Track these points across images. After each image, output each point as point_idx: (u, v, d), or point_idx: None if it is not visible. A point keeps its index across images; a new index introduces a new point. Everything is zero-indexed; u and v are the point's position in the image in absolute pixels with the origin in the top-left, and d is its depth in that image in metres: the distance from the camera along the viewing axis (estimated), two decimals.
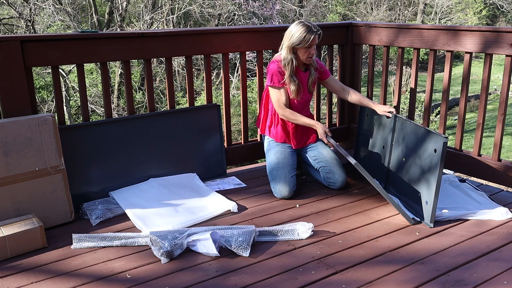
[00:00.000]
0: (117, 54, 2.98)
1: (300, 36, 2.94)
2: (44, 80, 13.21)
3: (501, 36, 2.90)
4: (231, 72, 13.29)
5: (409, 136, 2.87)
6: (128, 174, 3.07)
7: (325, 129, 3.06)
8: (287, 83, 3.07)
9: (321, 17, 18.69)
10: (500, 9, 24.51)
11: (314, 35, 2.94)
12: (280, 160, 3.10)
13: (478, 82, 16.63)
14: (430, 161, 2.63)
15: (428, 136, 2.68)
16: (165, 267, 2.23)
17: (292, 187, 3.03)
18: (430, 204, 2.60)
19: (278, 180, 3.03)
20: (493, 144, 3.11)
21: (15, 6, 12.65)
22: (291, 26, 3.01)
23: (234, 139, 3.68)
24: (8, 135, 2.48)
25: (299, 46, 2.97)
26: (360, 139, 3.48)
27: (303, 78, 3.14)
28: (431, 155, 2.63)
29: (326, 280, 2.12)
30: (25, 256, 2.35)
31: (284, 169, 3.05)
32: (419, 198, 2.71)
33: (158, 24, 14.36)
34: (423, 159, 2.70)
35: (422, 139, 2.74)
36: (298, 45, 2.96)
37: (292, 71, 3.04)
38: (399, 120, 3.00)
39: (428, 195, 2.63)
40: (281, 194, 3.02)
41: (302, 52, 3.00)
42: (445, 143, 2.52)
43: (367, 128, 3.37)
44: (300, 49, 2.99)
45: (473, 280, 2.11)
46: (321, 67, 3.23)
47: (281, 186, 3.01)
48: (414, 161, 2.79)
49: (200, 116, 3.33)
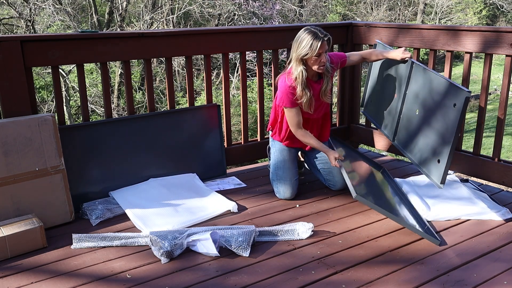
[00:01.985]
0: (117, 54, 2.98)
1: (306, 44, 2.71)
2: (44, 80, 13.21)
3: (501, 36, 2.90)
4: (231, 72, 13.28)
5: (426, 86, 2.62)
6: (128, 174, 3.07)
7: (335, 155, 2.85)
8: (299, 98, 2.85)
9: (321, 17, 18.69)
10: (500, 9, 24.50)
11: (322, 41, 2.70)
12: (287, 161, 3.07)
13: (478, 82, 16.61)
14: (448, 117, 2.39)
15: (449, 89, 2.44)
16: (165, 267, 2.23)
17: (295, 189, 3.03)
18: (443, 163, 2.38)
19: (284, 181, 3.01)
20: (493, 144, 3.11)
21: (15, 6, 12.65)
22: (298, 33, 2.79)
23: (234, 139, 3.68)
24: (8, 135, 2.48)
25: (308, 57, 2.74)
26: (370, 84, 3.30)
27: (316, 89, 2.92)
28: (449, 110, 2.39)
29: (326, 280, 2.12)
30: (25, 256, 2.35)
31: (290, 171, 3.03)
32: (431, 155, 2.50)
33: (158, 24, 14.36)
34: (440, 113, 2.46)
35: (441, 91, 2.49)
36: (306, 55, 2.73)
37: (303, 84, 2.81)
38: (416, 68, 2.75)
39: (441, 153, 2.41)
40: (284, 196, 3.01)
41: (312, 61, 2.77)
42: (468, 98, 2.29)
43: (378, 72, 3.20)
44: (310, 59, 2.76)
45: (473, 280, 2.11)
46: (335, 62, 3.01)
47: (285, 188, 3.00)
48: (430, 114, 2.54)
49: (200, 116, 3.33)
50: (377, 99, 3.24)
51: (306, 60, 2.78)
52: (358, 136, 4.01)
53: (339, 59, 3.05)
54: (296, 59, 2.79)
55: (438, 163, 2.44)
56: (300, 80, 2.81)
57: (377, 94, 3.27)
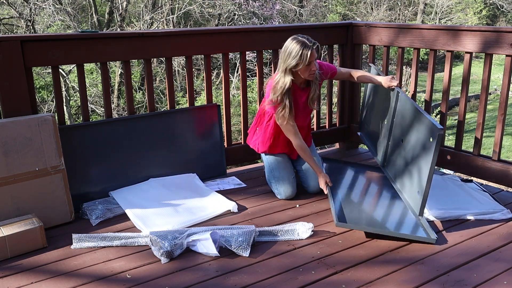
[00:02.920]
0: (117, 54, 2.98)
1: (296, 55, 2.66)
2: (44, 80, 13.20)
3: (501, 36, 2.90)
4: (231, 72, 13.28)
5: (408, 118, 2.71)
6: (128, 174, 3.07)
7: (326, 179, 2.89)
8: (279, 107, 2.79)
9: (321, 17, 18.68)
10: (500, 9, 24.50)
11: (311, 50, 2.66)
12: (280, 161, 3.07)
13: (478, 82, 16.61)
14: (425, 150, 2.50)
15: (425, 123, 2.54)
16: (165, 267, 2.23)
17: (295, 187, 3.03)
18: (421, 195, 2.49)
19: (282, 181, 3.01)
20: (493, 144, 3.11)
21: (15, 6, 12.64)
22: (286, 43, 2.75)
23: (234, 139, 3.68)
24: (8, 135, 2.48)
25: (299, 68, 2.71)
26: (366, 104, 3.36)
27: (303, 96, 2.92)
28: (426, 143, 2.50)
29: (326, 280, 2.12)
30: (25, 256, 2.35)
31: (286, 170, 3.04)
32: (412, 185, 2.60)
33: (158, 24, 14.35)
34: (418, 145, 2.56)
35: (419, 124, 2.59)
36: (296, 66, 2.70)
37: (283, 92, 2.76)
38: (401, 97, 2.83)
39: (419, 185, 2.52)
40: (285, 195, 3.00)
41: (302, 71, 2.74)
42: (440, 134, 2.40)
43: (372, 94, 3.26)
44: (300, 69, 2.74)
45: (473, 280, 2.11)
46: (325, 72, 3.04)
47: (285, 188, 3.00)
48: (410, 146, 2.64)
49: (200, 116, 3.33)
50: (371, 122, 3.30)
51: (295, 71, 2.75)
52: (358, 136, 4.01)
53: (330, 69, 3.11)
54: (284, 70, 2.75)
55: (418, 195, 2.52)
56: (282, 89, 2.75)
57: (371, 117, 3.33)
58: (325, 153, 4.02)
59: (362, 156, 3.90)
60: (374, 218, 2.68)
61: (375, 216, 2.70)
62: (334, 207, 2.67)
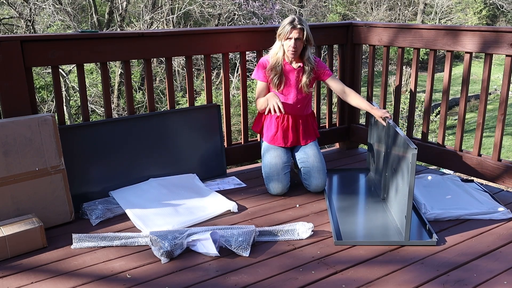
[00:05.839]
0: (117, 54, 2.98)
1: (282, 26, 3.00)
2: (44, 80, 13.20)
3: (501, 36, 2.90)
4: (231, 72, 13.28)
5: (396, 146, 2.67)
6: (128, 174, 3.07)
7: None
8: (269, 71, 3.10)
9: (321, 17, 18.69)
10: (500, 9, 24.50)
11: (293, 27, 2.95)
12: (273, 159, 3.09)
13: (478, 82, 16.62)
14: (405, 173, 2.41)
15: (404, 145, 2.46)
16: (165, 267, 2.23)
17: (285, 183, 3.04)
18: (408, 219, 2.40)
19: (271, 177, 3.05)
20: (493, 144, 3.11)
21: (15, 6, 12.64)
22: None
23: (234, 139, 3.68)
24: (8, 135, 2.48)
25: (280, 35, 3.03)
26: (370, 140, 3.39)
27: (292, 72, 3.11)
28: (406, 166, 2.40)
29: (326, 280, 2.12)
30: (25, 256, 2.35)
31: (276, 167, 3.06)
32: (400, 210, 2.53)
33: (158, 24, 14.35)
34: (402, 170, 2.49)
35: (401, 149, 2.52)
36: (279, 35, 3.03)
37: (276, 61, 3.07)
38: (391, 128, 2.79)
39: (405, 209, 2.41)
40: (275, 191, 3.04)
41: (285, 44, 3.03)
42: (414, 154, 2.29)
43: (373, 131, 3.29)
44: (284, 41, 3.02)
45: (473, 280, 2.11)
46: (321, 68, 3.17)
47: (274, 183, 3.03)
48: (399, 173, 2.57)
49: (200, 116, 3.33)
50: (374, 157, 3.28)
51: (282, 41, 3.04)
52: (358, 136, 4.01)
53: (324, 69, 3.20)
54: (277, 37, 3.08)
55: (405, 219, 2.43)
56: (275, 56, 3.07)
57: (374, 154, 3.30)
58: (325, 153, 4.02)
59: (362, 156, 3.91)
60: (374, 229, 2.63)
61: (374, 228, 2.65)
62: (333, 226, 2.61)
